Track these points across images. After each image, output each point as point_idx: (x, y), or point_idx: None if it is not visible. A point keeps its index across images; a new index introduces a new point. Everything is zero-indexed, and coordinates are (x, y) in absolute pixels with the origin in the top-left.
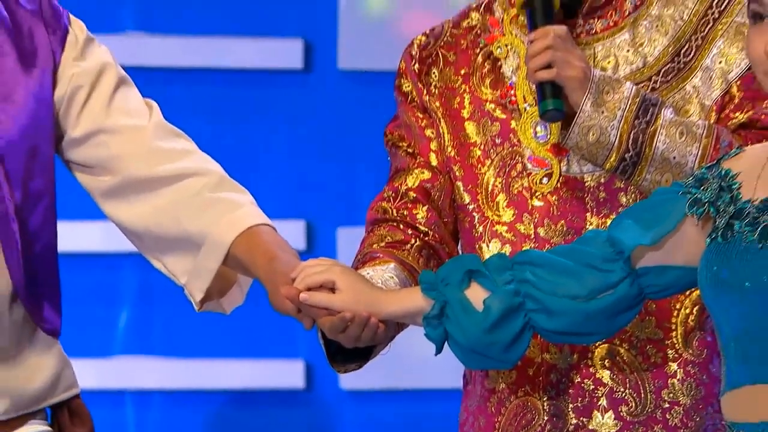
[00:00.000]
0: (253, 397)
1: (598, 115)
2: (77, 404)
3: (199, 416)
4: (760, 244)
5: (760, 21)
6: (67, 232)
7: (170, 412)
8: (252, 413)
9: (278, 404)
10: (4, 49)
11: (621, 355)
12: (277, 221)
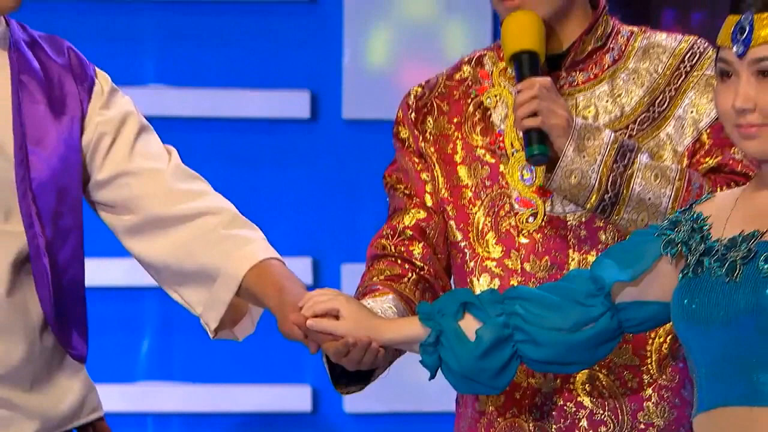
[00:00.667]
0: (264, 420)
1: (579, 159)
2: (102, 426)
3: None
4: (727, 279)
5: (727, 78)
6: (93, 268)
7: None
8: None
9: (287, 427)
10: (36, 98)
11: (600, 381)
12: (286, 257)
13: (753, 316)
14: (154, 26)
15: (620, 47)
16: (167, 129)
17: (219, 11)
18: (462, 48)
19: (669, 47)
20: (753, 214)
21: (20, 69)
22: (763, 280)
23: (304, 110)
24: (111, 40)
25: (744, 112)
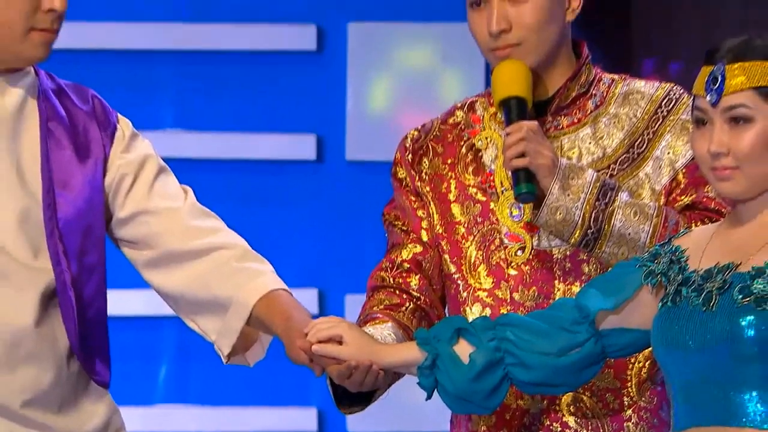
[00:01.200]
0: None
1: (564, 197)
2: None
3: None
4: (703, 308)
5: (703, 125)
6: (115, 299)
7: None
8: None
9: None
10: (62, 143)
11: (584, 402)
12: (293, 288)
13: (728, 344)
14: (171, 76)
15: (602, 93)
16: (184, 170)
17: (231, 61)
18: (456, 95)
19: (647, 93)
20: (728, 248)
21: (48, 116)
22: (737, 309)
23: (310, 152)
24: (132, 88)
25: (718, 156)
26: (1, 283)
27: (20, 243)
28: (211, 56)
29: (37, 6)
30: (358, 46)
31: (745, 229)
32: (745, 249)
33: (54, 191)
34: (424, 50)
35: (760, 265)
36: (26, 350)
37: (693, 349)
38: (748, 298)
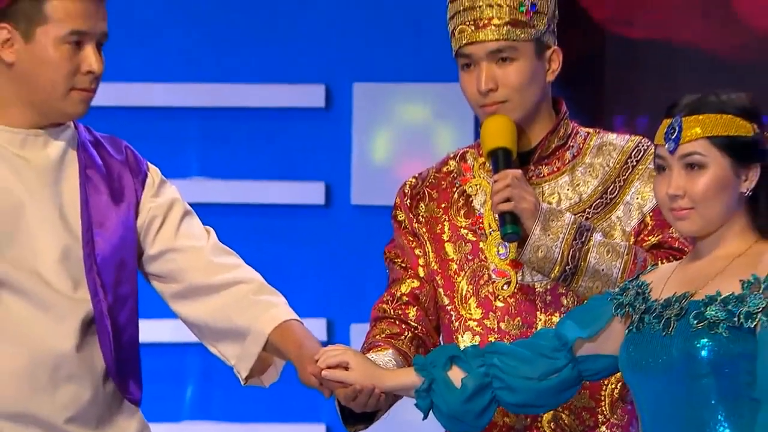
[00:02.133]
0: None
1: (545, 237)
2: None
3: None
4: (663, 333)
5: (663, 171)
6: (146, 327)
7: None
8: None
9: None
10: (99, 189)
11: (563, 419)
12: (304, 318)
13: (685, 364)
14: (196, 130)
15: (578, 145)
16: (207, 213)
17: (249, 117)
18: (448, 146)
19: (618, 145)
20: (686, 279)
21: (86, 165)
22: (692, 333)
23: (320, 198)
24: (161, 140)
25: (676, 198)
26: (45, 313)
27: (62, 277)
28: (231, 113)
29: (77, 68)
30: (362, 103)
31: (701, 263)
32: (700, 280)
33: (92, 231)
34: (420, 107)
35: (712, 294)
36: (67, 372)
37: (655, 369)
38: (702, 323)
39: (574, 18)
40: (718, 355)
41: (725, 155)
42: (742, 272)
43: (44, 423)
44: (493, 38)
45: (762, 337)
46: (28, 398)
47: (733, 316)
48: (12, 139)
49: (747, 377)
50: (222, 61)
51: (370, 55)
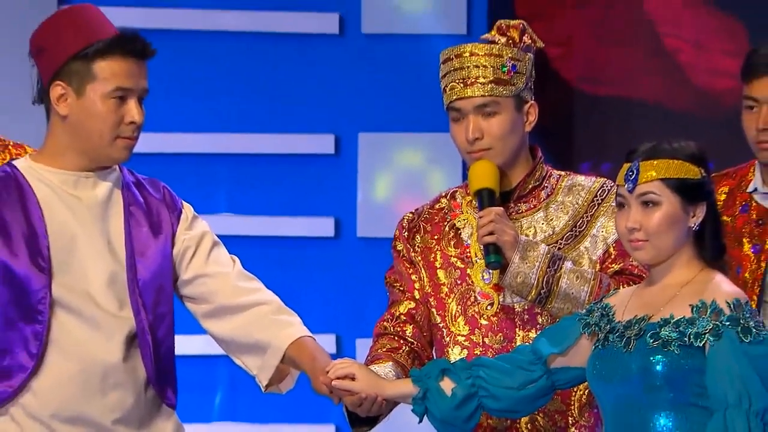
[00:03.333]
0: None
1: (523, 265)
2: None
3: None
4: (624, 350)
5: (622, 207)
6: (181, 342)
7: None
8: None
9: None
10: (141, 222)
11: (538, 421)
12: (316, 334)
13: (642, 377)
14: (224, 173)
15: (552, 186)
16: (233, 244)
17: (270, 161)
18: (440, 186)
19: (586, 186)
20: (643, 303)
21: (129, 202)
22: (649, 350)
23: (329, 231)
24: (194, 181)
25: (633, 231)
26: (95, 330)
27: (109, 298)
28: (254, 158)
29: (121, 119)
30: (366, 150)
31: (655, 288)
32: (655, 304)
33: (134, 259)
34: (416, 153)
35: (666, 317)
36: (114, 380)
37: (616, 380)
38: (657, 342)
39: (548, 77)
40: (671, 370)
41: (676, 195)
42: (691, 298)
43: (95, 424)
44: (479, 94)
45: (711, 355)
46: (81, 403)
47: (684, 336)
48: (66, 181)
49: (696, 389)
50: (246, 114)
51: (373, 109)
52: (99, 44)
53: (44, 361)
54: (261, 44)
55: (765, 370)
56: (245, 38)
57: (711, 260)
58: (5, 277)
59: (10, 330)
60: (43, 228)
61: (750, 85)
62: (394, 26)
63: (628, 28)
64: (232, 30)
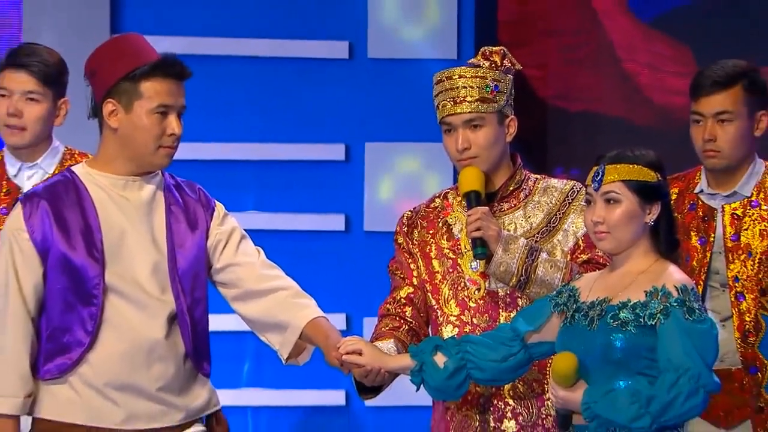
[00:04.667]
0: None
1: (505, 256)
2: (219, 415)
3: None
4: (588, 327)
5: (589, 204)
6: (215, 320)
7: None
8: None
9: (330, 416)
10: (179, 219)
11: (519, 388)
12: (328, 313)
13: (603, 351)
14: (251, 176)
15: (529, 188)
16: (258, 238)
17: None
18: (434, 188)
19: (559, 187)
20: (605, 287)
21: (170, 202)
22: (609, 329)
23: (340, 226)
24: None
25: (597, 224)
26: (142, 311)
27: (153, 284)
28: (276, 164)
29: (163, 131)
30: (372, 157)
31: (616, 274)
32: (615, 288)
33: (174, 251)
34: (414, 160)
35: (624, 300)
36: (158, 354)
37: (581, 353)
38: (616, 322)
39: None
40: (628, 346)
41: (635, 194)
42: (646, 284)
43: (142, 391)
44: (467, 111)
45: (661, 330)
46: (130, 373)
47: (639, 317)
48: (116, 184)
49: (646, 362)
50: (269, 126)
51: (377, 122)
52: (144, 67)
53: (98, 337)
54: (282, 67)
55: (702, 344)
56: (269, 62)
57: (666, 252)
58: (65, 267)
59: (69, 312)
60: (97, 224)
61: (697, 101)
62: (395, 52)
63: (594, 54)
64: (258, 55)
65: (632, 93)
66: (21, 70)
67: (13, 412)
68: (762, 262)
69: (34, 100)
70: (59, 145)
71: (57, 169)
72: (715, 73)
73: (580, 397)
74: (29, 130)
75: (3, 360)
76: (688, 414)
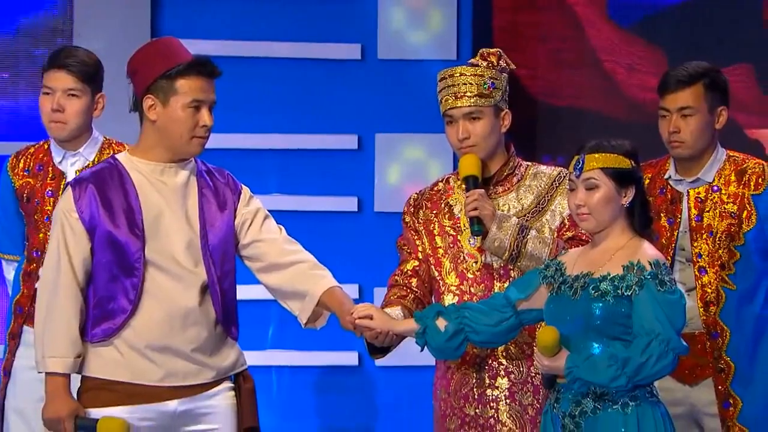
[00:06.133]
0: (333, 369)
1: (499, 233)
2: (246, 373)
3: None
4: (572, 297)
5: (572, 190)
6: (242, 290)
7: (288, 375)
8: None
9: (344, 375)
10: (210, 201)
11: (511, 350)
12: (342, 284)
13: (584, 319)
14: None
15: (521, 173)
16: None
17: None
18: (437, 174)
19: (547, 173)
20: (587, 262)
21: (202, 186)
22: (591, 299)
23: (354, 207)
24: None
25: (579, 207)
26: (178, 282)
27: (188, 258)
28: (297, 152)
29: (196, 123)
30: (382, 146)
31: (596, 250)
32: (596, 263)
33: (206, 229)
34: (419, 149)
35: (604, 274)
36: (192, 320)
37: (565, 319)
38: (597, 293)
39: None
40: (607, 314)
41: (611, 180)
42: (623, 259)
43: (178, 352)
44: (466, 105)
45: (636, 300)
46: (168, 336)
47: (617, 289)
48: (155, 170)
49: (622, 328)
50: (291, 119)
51: (386, 115)
52: (180, 67)
53: (139, 305)
54: (302, 67)
55: (671, 312)
56: (290, 63)
57: (640, 230)
58: (110, 243)
59: (114, 283)
60: (138, 205)
61: (664, 98)
62: (402, 54)
63: (578, 56)
64: (281, 57)
65: (611, 90)
66: (62, 70)
67: (64, 371)
68: (721, 240)
69: (74, 96)
70: (99, 136)
71: (96, 156)
72: (679, 73)
73: (563, 365)
74: (70, 123)
75: (55, 325)
76: (659, 374)
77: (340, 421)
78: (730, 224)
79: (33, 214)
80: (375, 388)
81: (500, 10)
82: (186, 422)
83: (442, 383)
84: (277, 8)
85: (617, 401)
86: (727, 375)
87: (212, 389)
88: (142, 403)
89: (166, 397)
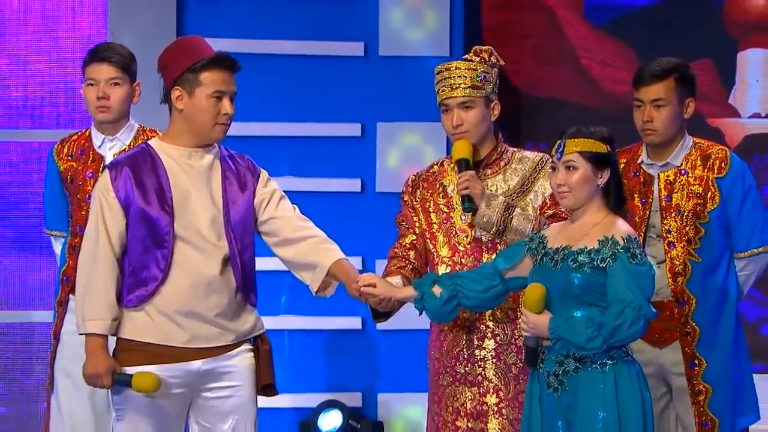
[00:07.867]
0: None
1: (488, 210)
2: (263, 336)
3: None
4: (553, 268)
5: (554, 170)
6: (260, 261)
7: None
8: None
9: (349, 337)
10: (232, 182)
11: (497, 314)
12: (349, 256)
13: (564, 286)
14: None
15: (508, 158)
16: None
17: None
18: (432, 157)
19: (531, 158)
20: (567, 236)
21: (225, 169)
22: (569, 270)
23: (357, 188)
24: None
25: (560, 186)
26: (202, 254)
27: (211, 233)
28: (306, 139)
29: (219, 112)
30: (383, 134)
31: (575, 226)
32: (574, 237)
33: (228, 207)
34: (416, 135)
35: (581, 247)
36: (215, 288)
37: (547, 288)
38: (575, 264)
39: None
40: (584, 283)
41: (589, 162)
42: (598, 234)
43: (202, 317)
44: (460, 95)
45: (610, 272)
46: (193, 303)
47: (593, 260)
48: (183, 154)
49: (598, 296)
50: (301, 109)
51: (387, 106)
52: (203, 61)
53: (169, 274)
54: (311, 63)
55: (642, 282)
56: (300, 59)
57: (615, 209)
58: (143, 218)
59: (146, 254)
60: (168, 185)
61: (638, 90)
62: (401, 51)
63: (558, 53)
64: (292, 53)
65: (587, 83)
66: (103, 63)
67: (102, 332)
68: (688, 218)
69: (117, 84)
70: (134, 123)
71: (132, 141)
72: (653, 68)
73: (546, 322)
74: (114, 108)
75: (95, 291)
76: (631, 337)
77: (346, 379)
78: (696, 204)
79: (76, 193)
80: (376, 349)
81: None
82: (209, 380)
83: (435, 344)
84: (288, 10)
85: (596, 361)
86: (692, 338)
87: (233, 350)
88: (170, 363)
89: (191, 358)
